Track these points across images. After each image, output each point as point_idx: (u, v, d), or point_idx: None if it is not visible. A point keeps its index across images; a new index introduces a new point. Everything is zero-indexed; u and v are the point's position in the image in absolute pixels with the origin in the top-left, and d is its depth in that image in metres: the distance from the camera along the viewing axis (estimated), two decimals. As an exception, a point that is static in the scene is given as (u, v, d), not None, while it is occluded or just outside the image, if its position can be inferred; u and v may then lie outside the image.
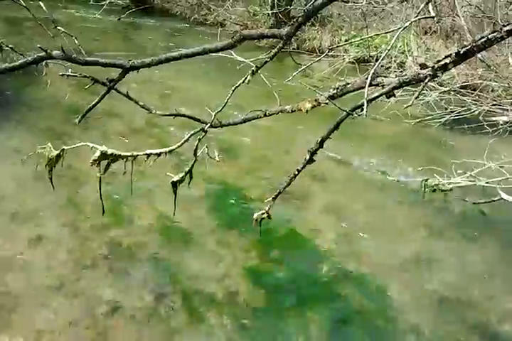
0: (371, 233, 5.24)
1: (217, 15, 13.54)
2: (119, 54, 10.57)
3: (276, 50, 2.95)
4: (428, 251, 5.06)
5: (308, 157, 2.80)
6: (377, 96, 2.56)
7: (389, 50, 2.33)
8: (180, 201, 4.33)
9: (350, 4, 10.13)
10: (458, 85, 7.97)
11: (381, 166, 6.52)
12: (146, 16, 14.42)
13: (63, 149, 3.73)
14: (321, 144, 2.82)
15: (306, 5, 9.62)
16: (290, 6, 11.54)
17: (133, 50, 11.02)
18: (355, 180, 6.23)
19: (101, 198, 3.83)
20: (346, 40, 10.90)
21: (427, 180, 5.89)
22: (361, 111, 2.49)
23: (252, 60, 3.49)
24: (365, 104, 2.42)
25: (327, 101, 2.83)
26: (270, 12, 11.75)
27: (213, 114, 3.24)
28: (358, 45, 10.18)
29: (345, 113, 2.64)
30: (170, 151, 3.65)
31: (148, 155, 3.61)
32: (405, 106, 2.62)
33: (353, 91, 2.92)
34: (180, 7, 15.17)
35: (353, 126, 5.91)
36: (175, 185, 3.92)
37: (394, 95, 2.64)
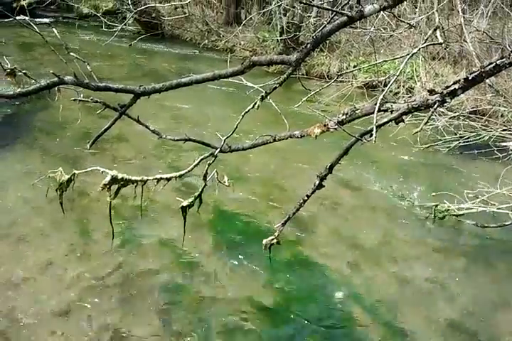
0: (381, 259, 5.18)
1: (226, 41, 13.74)
2: (131, 78, 10.72)
3: (285, 76, 2.98)
4: (439, 276, 4.98)
5: (317, 182, 2.80)
6: (386, 122, 2.57)
7: (397, 76, 2.35)
8: (189, 225, 4.34)
9: (358, 30, 10.25)
10: (467, 110, 7.97)
11: (391, 191, 6.49)
12: (157, 42, 14.66)
13: (74, 173, 3.76)
14: (330, 169, 2.82)
15: (314, 31, 9.77)
16: (299, 32, 11.68)
17: (144, 75, 11.18)
18: (364, 205, 6.20)
19: (111, 223, 3.84)
20: (355, 66, 10.99)
21: (437, 205, 5.86)
22: (370, 136, 2.50)
23: (261, 85, 3.53)
24: (374, 130, 2.43)
25: (336, 126, 2.85)
26: (279, 38, 11.90)
27: (223, 139, 3.26)
28: (366, 71, 10.26)
29: (354, 138, 2.66)
30: (180, 176, 3.67)
31: (159, 179, 3.63)
32: (414, 131, 2.63)
33: (362, 116, 2.93)
34: (191, 33, 15.41)
35: (361, 151, 5.92)
36: (184, 209, 3.93)
37: (403, 121, 2.65)
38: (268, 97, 3.26)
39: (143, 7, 6.12)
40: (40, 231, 5.11)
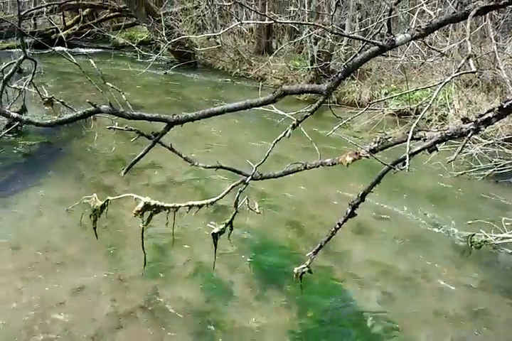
0: (416, 289, 5.05)
1: (258, 70, 13.94)
2: (165, 106, 10.96)
3: (316, 104, 3.00)
4: (475, 308, 4.82)
5: (349, 210, 2.78)
6: (419, 151, 2.55)
7: (430, 104, 2.35)
8: (220, 252, 4.34)
9: (389, 59, 10.29)
10: (502, 138, 7.84)
11: (424, 219, 6.37)
12: (190, 71, 15.00)
13: (108, 200, 3.83)
14: (362, 198, 2.80)
15: (345, 60, 9.84)
16: (330, 61, 11.79)
17: (177, 104, 11.40)
18: (398, 233, 6.09)
19: (143, 249, 3.88)
20: (386, 93, 10.98)
21: (473, 235, 5.71)
22: (403, 165, 2.48)
23: (292, 113, 3.57)
24: (407, 158, 2.41)
25: (368, 154, 2.84)
26: (310, 67, 12.02)
27: (254, 166, 3.28)
28: (397, 98, 10.23)
29: (386, 166, 2.64)
30: (211, 203, 3.70)
31: (190, 206, 3.67)
32: (448, 160, 2.60)
33: (394, 144, 2.92)
34: (223, 62, 15.71)
35: (394, 178, 5.85)
36: (215, 236, 3.94)
37: (436, 149, 2.62)
38: (299, 125, 3.28)
39: (177, 39, 6.29)
40: (74, 257, 5.18)
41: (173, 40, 5.15)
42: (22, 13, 4.74)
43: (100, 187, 6.68)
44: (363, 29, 9.73)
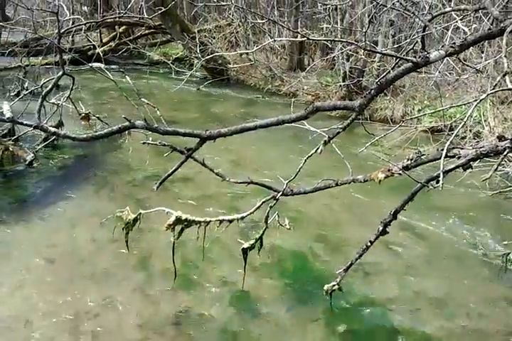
0: (451, 310, 4.93)
1: (290, 86, 14.01)
2: (197, 121, 11.09)
3: (349, 121, 3.01)
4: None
5: (381, 228, 2.76)
6: (454, 168, 2.52)
7: (465, 122, 2.32)
8: (249, 267, 4.33)
9: (423, 75, 10.21)
10: (540, 156, 7.65)
11: (458, 238, 6.24)
12: (222, 87, 15.16)
13: (140, 213, 3.89)
14: (394, 215, 2.78)
15: (378, 76, 9.76)
16: (362, 77, 11.77)
17: (209, 119, 11.53)
18: (431, 251, 5.97)
19: (173, 263, 3.91)
20: (419, 110, 10.87)
21: (508, 253, 5.57)
22: (437, 182, 2.46)
23: (324, 129, 3.57)
24: (441, 176, 2.38)
25: (401, 171, 2.82)
26: (342, 83, 12.02)
27: (285, 182, 3.30)
28: (431, 115, 10.11)
29: (419, 184, 2.61)
30: (242, 218, 3.72)
31: (221, 221, 3.70)
32: (483, 178, 2.56)
33: (428, 162, 2.90)
34: (255, 78, 15.84)
35: (426, 196, 5.77)
36: (245, 251, 3.95)
37: (471, 167, 2.59)
38: (331, 141, 3.29)
39: (211, 56, 6.38)
40: (105, 270, 5.25)
41: (207, 57, 5.23)
42: (62, 31, 4.89)
43: (133, 200, 6.77)
44: (396, 45, 9.70)
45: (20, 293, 4.83)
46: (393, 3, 3.84)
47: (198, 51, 11.53)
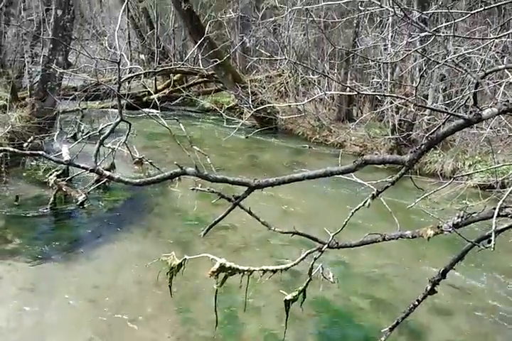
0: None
1: (338, 137, 14.07)
2: (244, 169, 11.23)
3: (398, 175, 3.00)
4: None
5: (429, 287, 2.67)
6: (506, 228, 2.45)
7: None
8: (291, 319, 4.25)
9: (474, 131, 10.06)
10: None
11: (510, 301, 5.94)
12: (270, 136, 15.38)
13: (185, 259, 3.92)
14: (443, 274, 2.69)
15: (427, 130, 9.66)
16: (411, 130, 11.71)
17: (257, 167, 11.66)
18: (481, 314, 5.69)
19: (215, 310, 3.89)
20: (470, 165, 10.68)
21: None
22: (488, 242, 2.39)
23: (372, 182, 3.56)
24: (493, 236, 2.32)
25: (450, 229, 2.76)
26: (391, 137, 11.98)
27: (331, 235, 3.27)
28: (482, 170, 9.89)
29: (470, 243, 2.55)
30: (286, 269, 3.69)
31: (264, 271, 3.68)
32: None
33: (479, 220, 2.82)
34: (303, 128, 16.01)
35: (477, 255, 5.58)
36: (288, 303, 3.88)
37: (525, 227, 2.51)
38: (379, 195, 3.26)
39: (262, 107, 6.55)
40: (148, 312, 5.26)
41: (258, 108, 5.37)
42: (121, 80, 5.16)
43: (179, 244, 6.83)
44: (447, 101, 9.68)
45: (60, 331, 4.89)
46: (445, 60, 3.87)
47: (249, 101, 11.83)
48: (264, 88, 17.27)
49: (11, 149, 3.80)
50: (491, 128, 8.36)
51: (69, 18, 10.90)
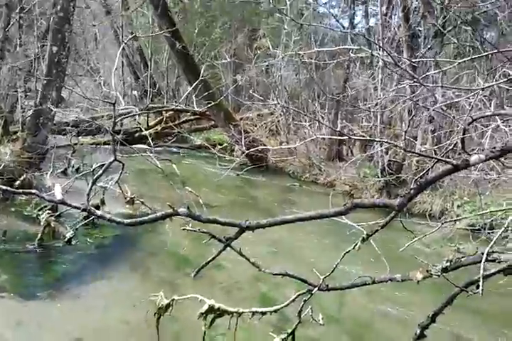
0: None
1: (327, 175, 14.20)
2: (234, 206, 11.23)
3: (388, 219, 3.04)
4: None
5: (418, 331, 2.67)
6: (494, 273, 2.48)
7: (506, 228, 2.30)
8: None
9: (462, 175, 10.20)
10: None
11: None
12: (261, 173, 15.45)
13: (173, 299, 3.89)
14: (432, 319, 2.70)
15: (416, 170, 9.75)
16: (400, 171, 11.86)
17: (247, 204, 11.67)
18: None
19: (203, 353, 3.82)
20: (458, 206, 10.78)
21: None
22: (477, 288, 2.41)
23: (363, 224, 3.60)
24: (481, 281, 2.34)
25: (439, 273, 2.78)
26: (380, 179, 12.11)
27: (321, 277, 3.28)
28: (470, 212, 9.98)
29: (458, 289, 2.56)
30: (275, 311, 3.67)
31: (254, 313, 3.66)
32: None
33: (468, 265, 2.85)
34: (293, 166, 16.16)
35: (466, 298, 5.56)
36: (277, 347, 3.84)
37: (512, 273, 2.54)
38: (369, 238, 3.30)
39: (256, 148, 6.65)
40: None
41: (252, 150, 5.45)
42: (116, 120, 5.23)
43: (166, 284, 6.70)
44: (436, 143, 9.84)
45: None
46: (434, 108, 3.98)
47: (240, 139, 11.98)
48: (256, 126, 17.52)
49: (4, 187, 3.81)
50: (479, 170, 8.49)
51: (64, 55, 11.05)
